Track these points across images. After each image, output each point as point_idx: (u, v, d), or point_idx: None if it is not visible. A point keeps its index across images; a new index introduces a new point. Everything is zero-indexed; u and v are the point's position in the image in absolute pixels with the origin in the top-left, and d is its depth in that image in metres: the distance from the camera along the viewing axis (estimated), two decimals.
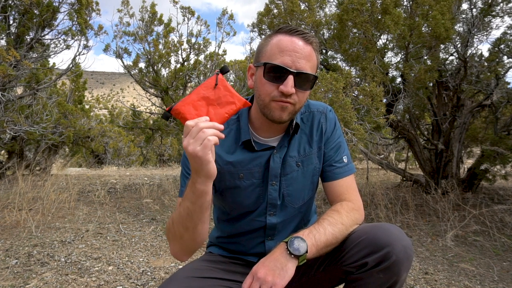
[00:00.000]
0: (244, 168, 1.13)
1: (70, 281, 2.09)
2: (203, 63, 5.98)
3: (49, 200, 3.90)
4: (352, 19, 3.47)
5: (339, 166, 1.17)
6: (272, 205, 1.16)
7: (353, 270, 1.01)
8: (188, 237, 0.99)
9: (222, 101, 0.92)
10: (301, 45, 1.01)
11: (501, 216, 3.37)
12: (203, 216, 0.97)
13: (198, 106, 0.91)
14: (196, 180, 0.89)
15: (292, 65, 0.99)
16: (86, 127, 7.32)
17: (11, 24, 4.76)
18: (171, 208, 4.04)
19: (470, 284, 2.17)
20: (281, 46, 1.01)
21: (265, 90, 1.03)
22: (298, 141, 1.16)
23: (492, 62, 4.00)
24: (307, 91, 1.04)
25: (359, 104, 3.31)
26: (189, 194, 0.93)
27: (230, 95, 0.92)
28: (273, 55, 1.02)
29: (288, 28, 1.04)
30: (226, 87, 0.93)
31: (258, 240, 1.20)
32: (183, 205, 0.96)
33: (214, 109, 0.91)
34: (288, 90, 0.98)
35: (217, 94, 0.92)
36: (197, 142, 0.84)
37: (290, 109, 1.03)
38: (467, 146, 5.54)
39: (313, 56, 1.04)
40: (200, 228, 0.98)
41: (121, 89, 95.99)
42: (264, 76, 1.02)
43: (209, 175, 0.88)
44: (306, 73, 1.01)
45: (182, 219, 0.97)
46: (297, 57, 1.00)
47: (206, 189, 0.91)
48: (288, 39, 1.02)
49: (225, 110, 0.91)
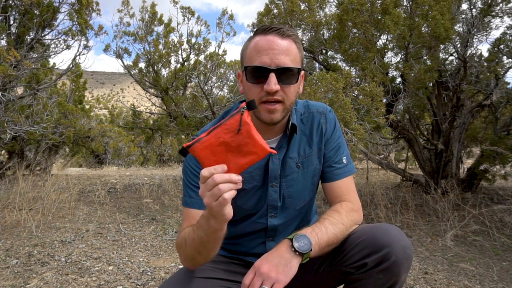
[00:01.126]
0: (245, 172, 1.13)
1: (70, 281, 2.10)
2: (203, 63, 5.98)
3: (49, 200, 3.90)
4: (352, 19, 3.48)
5: (339, 167, 1.17)
6: (272, 207, 1.16)
7: (352, 270, 1.02)
8: (200, 259, 0.99)
9: (243, 150, 0.82)
10: (278, 41, 1.01)
11: (500, 216, 3.38)
12: (217, 245, 0.96)
13: (217, 152, 0.82)
14: (211, 220, 0.87)
15: (272, 63, 0.99)
16: (86, 127, 7.32)
17: (11, 24, 4.76)
18: (171, 208, 4.04)
19: (469, 284, 2.18)
20: (258, 47, 1.01)
21: (252, 93, 1.03)
22: (298, 142, 1.16)
23: (491, 62, 4.00)
24: (293, 85, 1.03)
25: (359, 104, 3.31)
26: (204, 226, 0.90)
27: (253, 144, 0.82)
28: (252, 57, 1.02)
29: (263, 27, 1.04)
30: (249, 133, 0.82)
31: (259, 241, 1.21)
32: (197, 233, 0.93)
33: (234, 157, 0.82)
34: (272, 88, 0.98)
35: (239, 141, 0.82)
36: (212, 198, 0.79)
37: (280, 108, 1.02)
38: (467, 146, 5.54)
39: (292, 49, 1.03)
40: (213, 253, 0.98)
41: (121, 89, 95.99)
42: (248, 79, 1.03)
43: (224, 219, 0.85)
44: (288, 67, 1.00)
45: (196, 245, 0.95)
46: (274, 54, 0.99)
47: (220, 228, 0.88)
48: (264, 39, 1.02)
49: (245, 161, 0.82)
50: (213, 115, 5.14)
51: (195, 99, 5.45)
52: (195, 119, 5.24)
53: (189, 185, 1.12)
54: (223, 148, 0.82)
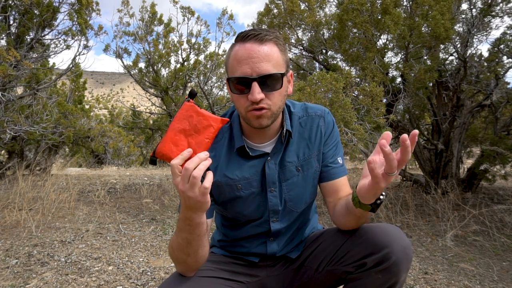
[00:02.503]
0: (242, 178, 1.12)
1: (70, 281, 2.10)
2: (203, 63, 5.98)
3: (49, 200, 3.90)
4: (352, 19, 3.48)
5: (335, 167, 1.17)
6: (274, 211, 1.15)
7: (352, 270, 1.02)
8: (191, 261, 1.01)
9: (199, 128, 0.88)
10: (256, 49, 0.98)
11: (500, 216, 3.38)
12: (202, 241, 0.98)
13: (178, 141, 0.88)
14: (188, 213, 0.89)
15: (252, 72, 0.97)
16: (86, 127, 7.32)
17: (11, 24, 4.76)
18: (171, 208, 4.04)
19: (469, 284, 2.17)
20: (237, 57, 1.00)
21: (238, 103, 1.03)
22: (297, 145, 1.15)
23: (491, 62, 4.00)
24: (277, 90, 1.01)
25: (359, 104, 3.31)
26: (185, 227, 0.93)
27: (204, 119, 0.89)
28: (233, 68, 1.01)
29: (241, 35, 1.02)
30: (198, 112, 0.89)
31: (260, 241, 1.21)
32: (181, 236, 0.96)
33: (194, 138, 0.88)
34: (256, 98, 0.97)
35: (192, 122, 0.89)
36: (183, 181, 0.83)
37: (267, 114, 1.01)
38: (467, 146, 5.54)
39: (272, 54, 1.00)
40: (201, 251, 1.00)
41: (121, 89, 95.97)
42: (232, 90, 1.02)
43: (202, 209, 0.88)
44: (269, 73, 0.98)
45: (182, 248, 0.98)
46: (254, 62, 0.97)
47: (201, 220, 0.92)
48: (242, 48, 1.00)
49: (205, 136, 0.88)
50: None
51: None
52: None
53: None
54: (182, 136, 0.88)
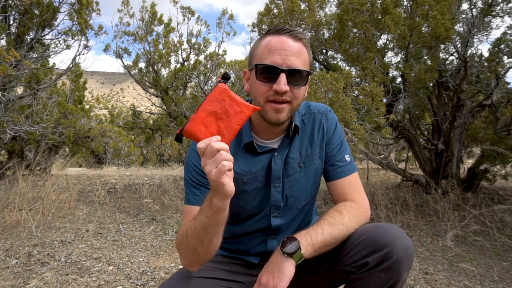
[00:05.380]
0: (248, 173, 1.13)
1: (70, 281, 2.10)
2: (203, 63, 5.98)
3: (49, 200, 3.90)
4: (352, 19, 3.47)
5: (342, 165, 1.17)
6: (275, 207, 1.16)
7: (353, 270, 1.02)
8: (202, 250, 0.98)
9: (230, 113, 0.88)
10: (290, 43, 1.02)
11: (501, 216, 3.37)
12: (219, 230, 0.96)
13: (208, 123, 0.87)
14: (214, 196, 0.88)
15: (283, 63, 1.00)
16: (86, 127, 7.31)
17: (11, 24, 4.76)
18: (171, 208, 4.04)
19: (470, 284, 2.17)
20: (270, 46, 1.02)
21: (259, 91, 1.03)
22: (300, 142, 1.16)
23: (492, 62, 4.00)
24: (302, 87, 1.04)
25: (359, 104, 3.31)
26: (206, 209, 0.92)
27: (237, 105, 0.88)
28: (263, 56, 1.03)
29: (276, 28, 1.05)
30: (231, 97, 0.89)
31: (260, 239, 1.21)
32: (199, 219, 0.94)
33: (224, 122, 0.87)
34: (282, 88, 0.99)
35: (224, 106, 0.88)
36: (213, 165, 0.82)
37: (287, 108, 1.03)
38: (467, 146, 5.54)
39: (303, 52, 1.04)
40: (215, 241, 0.98)
41: (121, 89, 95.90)
42: (257, 77, 1.03)
43: (226, 195, 0.87)
44: (298, 69, 1.01)
45: (198, 233, 0.95)
46: (287, 55, 1.00)
47: (223, 206, 0.89)
48: (276, 39, 1.03)
49: (235, 122, 0.88)
50: None
51: (195, 99, 5.44)
52: None
53: (191, 183, 1.11)
54: (213, 118, 0.88)
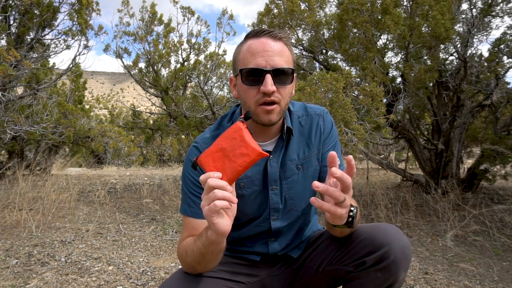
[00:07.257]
0: (244, 177, 1.13)
1: (70, 281, 2.10)
2: (203, 63, 5.98)
3: (49, 200, 3.90)
4: (352, 19, 3.47)
5: None
6: (274, 209, 1.16)
7: (351, 268, 1.02)
8: (201, 269, 1.01)
9: (236, 153, 0.87)
10: (271, 44, 1.03)
11: (501, 216, 3.38)
12: (216, 258, 0.97)
13: (216, 158, 0.88)
14: (209, 229, 0.88)
15: (267, 64, 1.00)
16: (86, 127, 7.32)
17: (11, 24, 4.77)
18: (171, 208, 4.04)
19: (470, 284, 2.17)
20: (252, 50, 1.03)
21: (248, 95, 1.04)
22: (297, 144, 1.17)
23: (492, 62, 4.00)
24: (288, 85, 1.05)
25: (359, 104, 3.31)
26: (203, 237, 0.92)
27: (245, 146, 0.87)
28: (246, 60, 1.03)
29: (255, 31, 1.06)
30: (242, 137, 0.88)
31: (261, 242, 1.21)
32: (197, 244, 0.95)
33: (229, 161, 0.87)
34: (269, 89, 0.99)
35: (233, 145, 0.87)
36: (206, 201, 0.82)
37: (277, 109, 1.04)
38: (467, 146, 5.54)
39: (285, 51, 1.05)
40: (211, 265, 0.99)
41: (121, 89, 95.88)
42: (243, 82, 1.04)
43: (217, 233, 0.85)
44: (282, 68, 1.02)
45: (195, 256, 0.97)
46: (269, 56, 1.01)
47: (217, 241, 0.89)
48: (257, 42, 1.04)
49: (239, 163, 0.86)
50: (213, 115, 5.14)
51: (195, 99, 5.44)
52: (195, 119, 5.23)
53: (188, 193, 1.12)
54: (221, 154, 0.88)
